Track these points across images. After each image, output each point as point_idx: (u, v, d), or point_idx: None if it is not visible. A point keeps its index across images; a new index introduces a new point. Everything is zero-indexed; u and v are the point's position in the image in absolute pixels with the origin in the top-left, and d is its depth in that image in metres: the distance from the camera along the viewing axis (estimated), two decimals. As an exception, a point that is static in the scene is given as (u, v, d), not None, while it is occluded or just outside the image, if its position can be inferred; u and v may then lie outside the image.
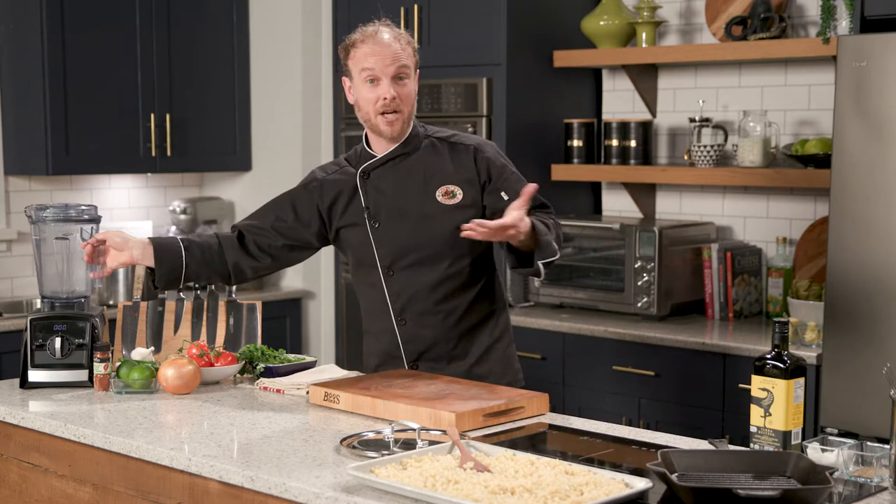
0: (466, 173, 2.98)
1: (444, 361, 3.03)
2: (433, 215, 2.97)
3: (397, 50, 2.91)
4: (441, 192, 2.97)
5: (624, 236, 4.42)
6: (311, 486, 2.17)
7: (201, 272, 3.06)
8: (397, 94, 2.91)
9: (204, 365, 3.02)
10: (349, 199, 3.04)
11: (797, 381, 2.31)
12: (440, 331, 3.02)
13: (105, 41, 5.00)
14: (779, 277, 4.37)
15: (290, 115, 5.36)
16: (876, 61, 3.53)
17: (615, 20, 4.68)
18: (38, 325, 3.04)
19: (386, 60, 2.90)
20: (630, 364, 4.17)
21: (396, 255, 3.00)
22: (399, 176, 3.00)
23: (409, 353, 3.05)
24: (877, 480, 2.17)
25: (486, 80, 4.65)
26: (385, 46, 2.91)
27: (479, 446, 2.32)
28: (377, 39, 2.92)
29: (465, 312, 3.01)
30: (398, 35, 2.95)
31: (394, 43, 2.92)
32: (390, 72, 2.90)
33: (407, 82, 2.93)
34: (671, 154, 4.83)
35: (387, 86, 2.91)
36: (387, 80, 2.90)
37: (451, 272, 2.99)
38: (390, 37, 2.93)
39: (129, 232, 3.07)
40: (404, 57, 2.92)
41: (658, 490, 2.10)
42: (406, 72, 2.92)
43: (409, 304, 3.02)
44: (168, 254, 3.00)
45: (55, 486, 2.77)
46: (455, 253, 2.97)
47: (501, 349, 3.08)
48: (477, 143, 3.04)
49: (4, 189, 5.03)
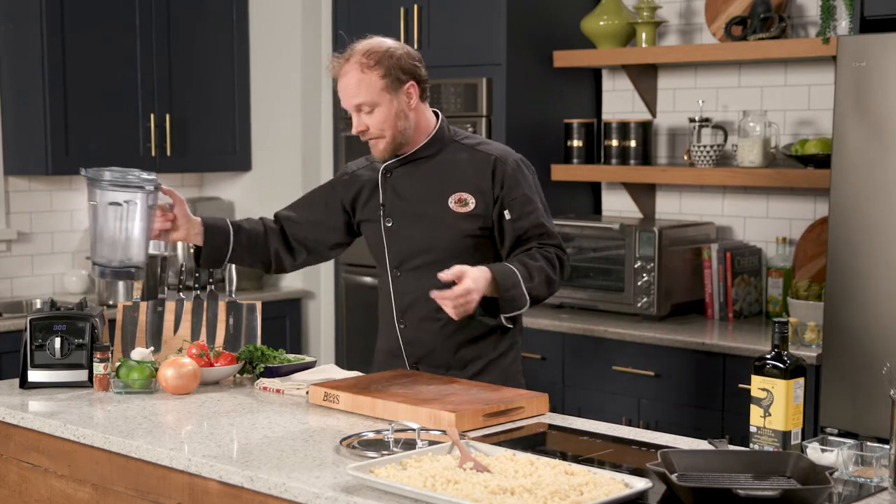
0: (482, 183, 2.94)
1: (442, 370, 3.01)
2: (443, 220, 2.95)
3: (354, 83, 2.88)
4: (454, 198, 2.95)
5: (624, 236, 4.42)
6: (311, 486, 2.17)
7: (245, 257, 3.12)
8: (366, 125, 2.92)
9: (204, 365, 3.02)
10: (370, 195, 3.06)
11: (797, 381, 2.31)
12: (438, 338, 3.00)
13: (105, 41, 5.00)
14: (779, 277, 4.37)
15: (290, 115, 5.36)
16: (876, 61, 3.53)
17: (615, 20, 4.68)
18: (37, 325, 3.04)
19: (347, 100, 2.93)
20: (630, 364, 4.17)
21: (404, 255, 3.00)
22: (418, 177, 2.99)
23: (409, 355, 3.05)
24: (876, 480, 2.17)
25: (486, 80, 4.65)
26: (344, 85, 2.92)
27: (478, 446, 2.32)
28: (340, 74, 2.93)
29: (465, 323, 2.95)
30: (361, 63, 2.88)
31: (352, 75, 2.88)
32: (353, 107, 2.92)
33: (373, 112, 2.91)
34: (671, 154, 4.83)
35: (356, 119, 2.94)
36: (355, 115, 2.94)
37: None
38: (349, 68, 2.90)
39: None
40: (363, 93, 2.88)
41: (658, 490, 2.10)
42: (367, 107, 2.90)
43: (410, 307, 3.01)
44: (217, 236, 3.07)
45: (55, 486, 2.77)
46: (460, 261, 2.90)
47: (504, 365, 3.03)
48: (500, 153, 2.98)
49: (4, 189, 5.03)
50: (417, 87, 2.93)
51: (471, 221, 2.94)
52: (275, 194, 5.44)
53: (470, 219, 2.94)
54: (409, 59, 2.92)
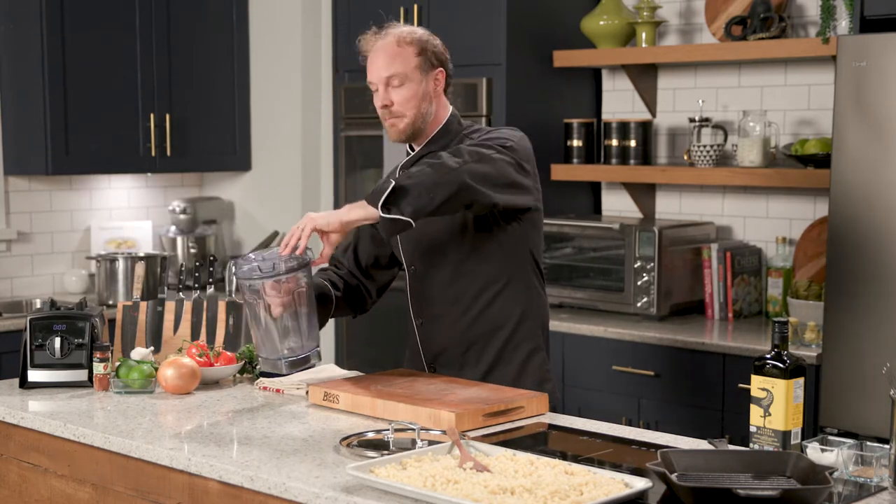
0: None
1: (456, 367, 2.99)
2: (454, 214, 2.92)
3: (390, 55, 2.89)
4: None
5: (624, 236, 4.42)
6: (311, 486, 2.17)
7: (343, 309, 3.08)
8: (391, 100, 2.90)
9: (204, 365, 3.02)
10: None
11: (797, 381, 2.31)
12: (453, 333, 2.98)
13: (105, 41, 5.00)
14: (778, 277, 4.37)
15: (290, 115, 5.36)
16: (876, 61, 3.53)
17: (615, 20, 4.68)
18: (37, 324, 3.04)
19: (377, 71, 2.90)
20: (630, 364, 4.17)
21: (417, 252, 3.00)
22: None
23: (427, 353, 3.04)
24: (876, 480, 2.17)
25: (486, 80, 4.65)
26: (376, 57, 2.91)
27: (478, 446, 2.32)
28: (373, 48, 2.92)
29: (478, 317, 2.95)
30: (398, 37, 2.91)
31: (388, 48, 2.89)
32: (383, 79, 2.90)
33: (402, 87, 2.90)
34: (671, 154, 4.83)
35: (381, 93, 2.91)
36: (382, 88, 2.91)
37: (463, 271, 2.94)
38: (384, 42, 2.91)
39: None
40: (397, 64, 2.88)
41: (658, 490, 2.10)
42: (397, 80, 2.89)
43: (425, 303, 3.01)
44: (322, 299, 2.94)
45: (55, 486, 2.77)
46: (470, 252, 2.92)
47: (519, 359, 2.98)
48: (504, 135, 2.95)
49: (4, 189, 5.03)
50: (444, 77, 2.96)
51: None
52: (275, 194, 5.45)
53: None
54: (442, 48, 2.96)
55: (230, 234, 5.62)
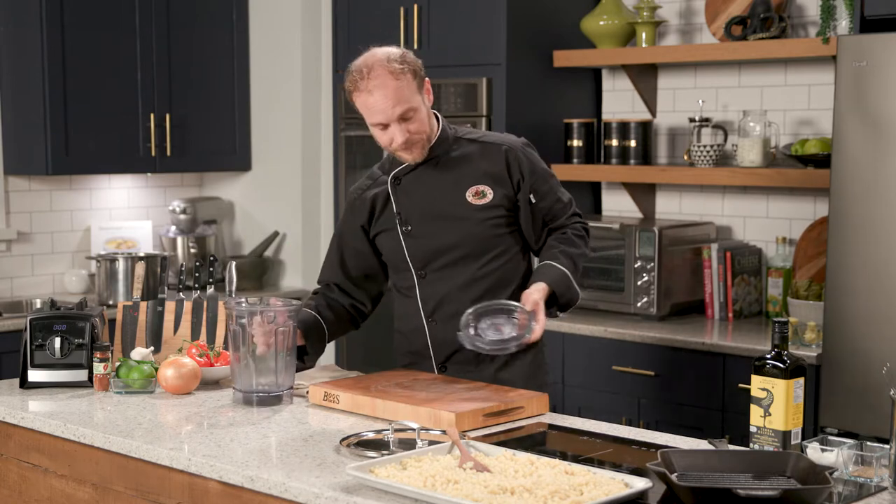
0: (498, 172, 2.96)
1: (471, 364, 3.00)
2: (464, 216, 2.95)
3: (393, 92, 2.80)
4: (471, 192, 2.95)
5: (624, 236, 4.42)
6: (311, 486, 2.17)
7: (336, 332, 3.14)
8: (408, 131, 2.86)
9: (204, 365, 3.02)
10: (383, 207, 3.05)
11: (797, 381, 2.31)
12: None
13: (105, 41, 5.00)
14: (778, 277, 4.37)
15: (290, 115, 5.36)
16: (876, 61, 3.53)
17: (615, 20, 4.68)
18: (37, 324, 3.04)
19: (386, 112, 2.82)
20: (630, 364, 4.17)
21: (429, 257, 3.00)
22: (429, 179, 2.98)
23: (437, 354, 3.04)
24: (876, 480, 2.17)
25: (486, 80, 4.65)
26: (379, 98, 2.80)
27: (478, 446, 2.32)
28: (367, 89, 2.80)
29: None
30: (388, 69, 2.80)
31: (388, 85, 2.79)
32: (396, 118, 2.84)
33: (414, 115, 2.85)
34: (671, 154, 4.83)
35: (396, 129, 2.85)
36: (395, 124, 2.85)
37: (482, 273, 2.97)
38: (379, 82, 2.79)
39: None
40: (405, 97, 2.81)
41: (658, 490, 2.10)
42: (411, 113, 2.84)
43: (440, 305, 3.01)
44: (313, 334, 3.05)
45: (55, 486, 2.77)
46: (487, 253, 2.96)
47: (531, 354, 3.02)
48: (508, 142, 3.01)
49: (4, 189, 5.03)
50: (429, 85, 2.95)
51: (490, 212, 2.95)
52: (275, 194, 5.45)
53: (489, 209, 2.95)
54: (417, 59, 2.91)
55: (230, 234, 5.62)
